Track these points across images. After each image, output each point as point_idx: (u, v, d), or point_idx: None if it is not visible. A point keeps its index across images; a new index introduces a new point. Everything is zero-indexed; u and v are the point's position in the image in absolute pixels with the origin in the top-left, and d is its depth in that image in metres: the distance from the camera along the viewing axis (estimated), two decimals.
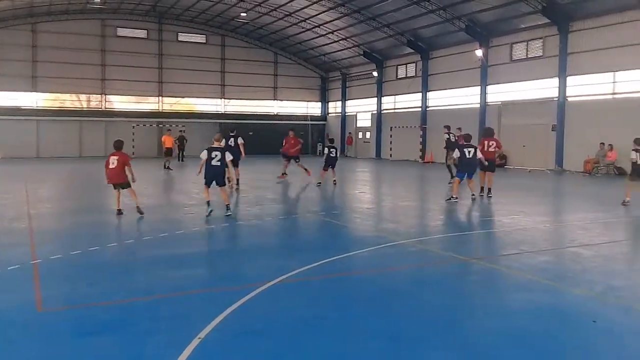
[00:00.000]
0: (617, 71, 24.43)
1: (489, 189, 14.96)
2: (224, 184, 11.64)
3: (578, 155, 25.34)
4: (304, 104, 46.82)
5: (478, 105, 31.24)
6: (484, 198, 14.69)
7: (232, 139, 16.63)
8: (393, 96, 39.29)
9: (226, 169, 11.90)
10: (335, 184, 18.51)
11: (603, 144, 24.08)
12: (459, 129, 20.13)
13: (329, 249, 8.45)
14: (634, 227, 10.82)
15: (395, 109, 39.36)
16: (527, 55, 28.63)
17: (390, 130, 38.65)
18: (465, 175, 14.13)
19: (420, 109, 35.85)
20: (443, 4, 29.06)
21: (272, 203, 14.41)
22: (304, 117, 46.13)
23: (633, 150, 13.05)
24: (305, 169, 19.80)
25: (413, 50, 35.19)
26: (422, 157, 35.07)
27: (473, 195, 14.25)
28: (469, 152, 14.01)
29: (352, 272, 7.32)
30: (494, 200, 14.58)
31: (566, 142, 26.44)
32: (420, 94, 35.70)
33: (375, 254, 8.31)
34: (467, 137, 14.89)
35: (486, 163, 14.68)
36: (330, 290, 6.43)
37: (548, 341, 4.79)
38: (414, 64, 36.48)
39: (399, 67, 38.22)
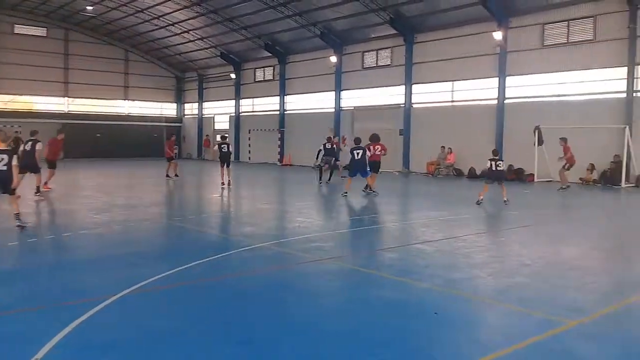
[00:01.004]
0: (455, 81, 26.77)
1: (368, 186, 16.42)
2: (11, 192, 9.96)
3: (422, 157, 27.34)
4: (158, 104, 45.03)
5: (333, 110, 32.38)
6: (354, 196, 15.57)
7: (29, 143, 14.88)
8: (251, 99, 39.29)
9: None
10: (229, 184, 18.56)
11: (443, 147, 26.28)
12: (331, 128, 21.54)
13: (184, 256, 8.13)
14: (471, 224, 11.86)
15: (253, 111, 39.39)
16: (377, 63, 30.28)
17: (249, 132, 38.66)
18: (356, 174, 15.73)
19: (278, 112, 36.24)
20: (299, 10, 29.68)
21: (122, 209, 13.57)
22: (158, 119, 44.34)
23: (489, 160, 14.65)
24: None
25: (271, 54, 35.48)
26: (280, 159, 35.48)
27: (345, 193, 15.68)
28: (357, 153, 15.60)
29: (207, 279, 7.10)
30: (345, 201, 15.13)
31: (412, 145, 28.39)
32: (278, 97, 36.11)
33: (232, 259, 8.17)
34: (357, 140, 16.55)
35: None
36: (185, 298, 6.16)
37: (393, 333, 5.02)
38: (272, 68, 36.82)
39: (256, 70, 38.31)
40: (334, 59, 31.26)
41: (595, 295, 6.46)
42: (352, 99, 31.87)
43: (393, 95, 29.36)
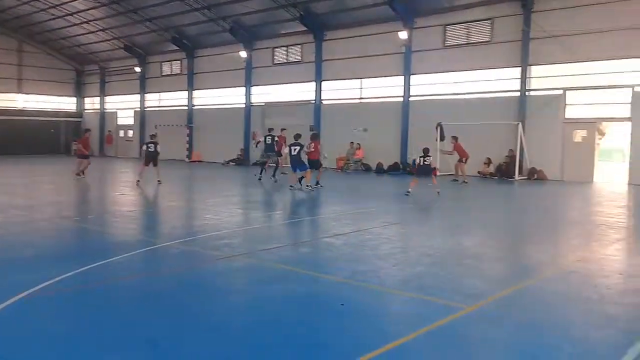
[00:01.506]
0: (363, 78, 27.38)
1: (300, 180, 16.83)
2: None
3: (332, 153, 27.71)
4: (56, 98, 42.43)
5: (244, 106, 32.06)
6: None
7: None
8: (158, 93, 38.03)
9: None
10: (159, 182, 17.87)
11: (352, 143, 26.82)
12: (284, 129, 21.23)
13: (84, 257, 7.70)
14: (378, 217, 12.18)
15: (160, 106, 38.16)
16: (287, 59, 30.32)
17: (155, 128, 37.08)
18: (297, 170, 16.52)
19: (186, 108, 35.35)
20: (207, 3, 29.10)
21: (20, 210, 12.64)
22: (56, 113, 41.82)
23: (420, 156, 16.28)
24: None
25: (178, 47, 34.49)
26: (189, 156, 34.65)
27: (291, 186, 16.53)
28: (295, 149, 16.37)
29: (107, 280, 6.77)
30: (258, 197, 15.05)
31: (322, 141, 28.68)
32: (186, 92, 35.22)
33: (135, 260, 7.85)
34: (296, 136, 17.29)
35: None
36: (84, 302, 5.84)
37: (300, 327, 5.05)
38: (180, 62, 35.84)
39: (163, 63, 37.13)
40: (243, 54, 30.94)
41: (491, 280, 6.85)
42: (263, 94, 31.72)
43: (303, 91, 29.56)
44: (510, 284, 6.66)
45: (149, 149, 18.18)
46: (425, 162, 16.03)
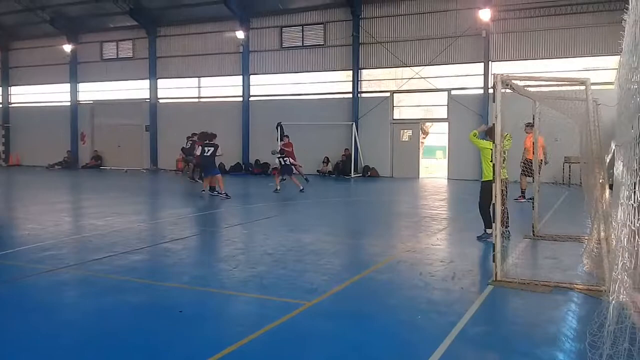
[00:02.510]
0: (202, 77, 26.82)
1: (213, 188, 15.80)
2: None
3: (171, 154, 26.76)
4: None
5: (69, 104, 29.57)
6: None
7: None
8: None
9: None
10: None
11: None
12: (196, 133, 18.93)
13: None
14: (221, 218, 11.99)
15: None
16: (118, 55, 28.59)
17: None
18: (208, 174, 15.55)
19: (0, 106, 31.63)
20: None
21: None
22: None
23: (277, 158, 17.21)
24: None
25: None
26: (6, 159, 31.09)
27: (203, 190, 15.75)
28: (208, 150, 15.40)
29: None
30: (86, 203, 13.96)
31: (159, 142, 27.58)
32: (0, 88, 31.52)
33: None
34: (212, 136, 16.10)
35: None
36: None
37: (135, 338, 4.75)
38: None
39: None
40: (67, 47, 28.50)
41: (329, 275, 7.07)
42: (91, 92, 29.54)
43: (137, 89, 28.11)
44: (346, 278, 6.94)
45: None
46: (286, 162, 16.97)
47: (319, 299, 5.93)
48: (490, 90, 18.99)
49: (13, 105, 31.79)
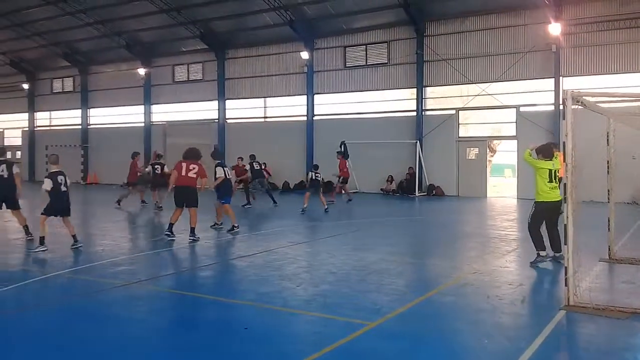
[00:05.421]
0: (267, 97, 27.46)
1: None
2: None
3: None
4: None
5: (143, 125, 30.97)
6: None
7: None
8: (48, 112, 35.81)
9: None
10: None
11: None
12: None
13: None
14: (284, 236, 12.13)
15: (51, 125, 35.93)
16: (188, 77, 29.74)
17: (46, 149, 34.91)
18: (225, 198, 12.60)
19: (80, 127, 33.55)
20: (101, 18, 27.93)
21: None
22: None
23: (311, 171, 17.21)
24: None
25: (70, 64, 32.74)
26: (85, 178, 32.83)
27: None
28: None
29: None
30: (156, 220, 14.48)
31: (227, 160, 28.27)
32: (80, 110, 33.46)
33: (19, 292, 7.23)
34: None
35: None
36: None
37: (198, 354, 4.86)
38: (72, 78, 33.99)
39: (54, 80, 35.04)
40: (142, 71, 29.95)
41: (392, 296, 6.99)
42: (164, 113, 30.83)
43: (206, 110, 29.09)
44: (410, 298, 6.84)
45: (156, 171, 17.10)
46: (317, 178, 16.79)
47: (382, 319, 5.87)
48: (561, 107, 18.41)
49: (91, 126, 33.64)
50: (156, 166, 17.46)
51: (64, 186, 9.78)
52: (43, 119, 36.16)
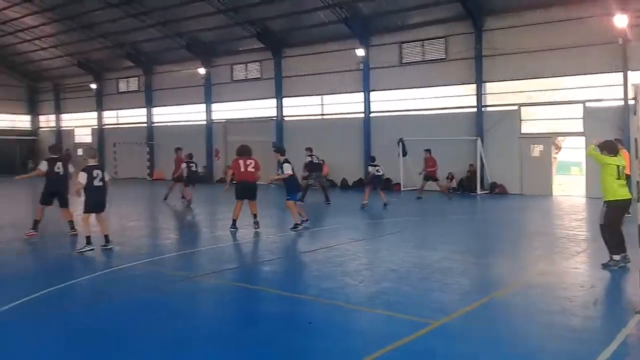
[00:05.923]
0: (324, 94, 27.55)
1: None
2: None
3: (297, 170, 27.63)
4: (9, 116, 41.06)
5: (205, 123, 31.77)
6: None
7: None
8: (115, 110, 37.31)
9: None
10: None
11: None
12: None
13: (39, 282, 7.40)
14: (344, 233, 12.17)
15: (118, 124, 37.40)
16: (247, 76, 30.25)
17: (114, 146, 36.46)
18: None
19: (145, 125, 34.77)
20: (163, 20, 28.78)
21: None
22: (9, 132, 40.45)
23: (370, 165, 17.21)
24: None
25: (134, 64, 33.97)
26: (150, 174, 34.01)
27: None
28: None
29: (67, 306, 6.51)
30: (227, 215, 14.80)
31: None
32: (145, 109, 34.67)
33: (99, 281, 7.59)
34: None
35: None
36: (39, 331, 5.59)
37: (267, 346, 4.96)
38: (137, 78, 35.25)
39: (120, 80, 36.44)
40: (202, 70, 30.70)
41: (456, 295, 6.89)
42: (224, 111, 31.50)
43: (264, 108, 29.50)
44: (474, 298, 6.72)
45: (191, 169, 17.80)
46: (377, 173, 16.78)
47: (447, 318, 5.80)
48: (631, 102, 17.55)
49: (155, 124, 34.79)
50: (191, 164, 18.03)
51: (100, 181, 9.39)
52: (110, 117, 37.69)
